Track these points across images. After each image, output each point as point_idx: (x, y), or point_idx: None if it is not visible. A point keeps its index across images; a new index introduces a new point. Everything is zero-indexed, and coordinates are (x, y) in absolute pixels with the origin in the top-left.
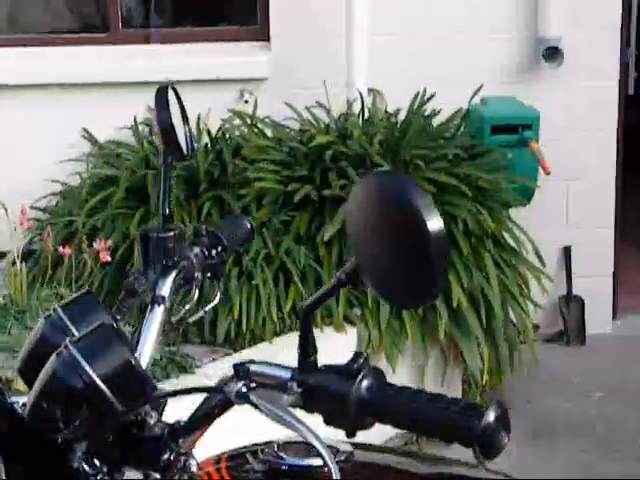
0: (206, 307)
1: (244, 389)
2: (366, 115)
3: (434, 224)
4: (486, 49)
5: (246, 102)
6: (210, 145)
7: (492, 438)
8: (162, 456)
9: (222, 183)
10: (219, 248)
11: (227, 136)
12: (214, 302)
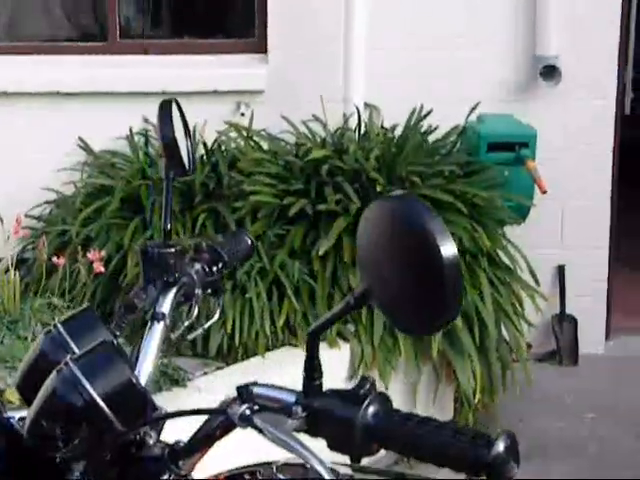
0: (205, 324)
1: (248, 412)
2: (362, 130)
3: (448, 249)
4: (484, 66)
5: (242, 115)
6: (206, 157)
7: (502, 468)
8: (161, 477)
9: (217, 195)
10: (220, 264)
11: (223, 148)
12: (214, 319)
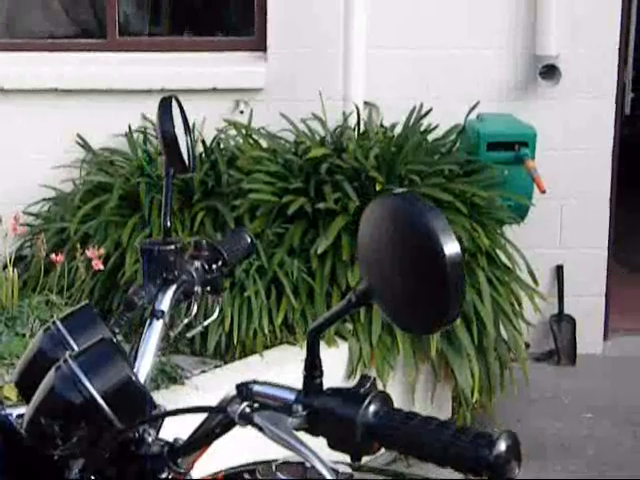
0: (205, 322)
1: (248, 410)
2: (362, 129)
3: (451, 248)
4: (484, 66)
5: (241, 112)
6: (205, 155)
7: (503, 468)
8: (160, 475)
9: (216, 193)
10: (219, 262)
11: (222, 146)
12: (213, 317)
